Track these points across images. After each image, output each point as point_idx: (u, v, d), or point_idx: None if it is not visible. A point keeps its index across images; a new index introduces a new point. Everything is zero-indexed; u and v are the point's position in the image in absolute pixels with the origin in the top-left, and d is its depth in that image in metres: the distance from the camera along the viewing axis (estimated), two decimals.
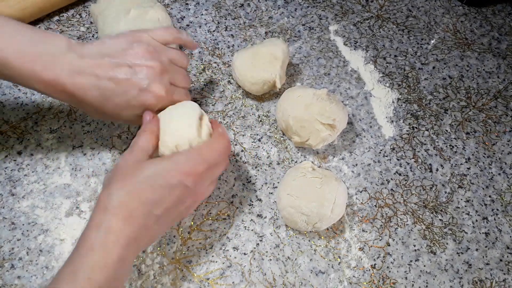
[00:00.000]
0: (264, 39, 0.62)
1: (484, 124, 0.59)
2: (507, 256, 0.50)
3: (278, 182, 0.51)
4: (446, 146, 0.56)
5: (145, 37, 0.43)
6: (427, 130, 0.57)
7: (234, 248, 0.47)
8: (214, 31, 0.62)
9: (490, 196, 0.53)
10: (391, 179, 0.53)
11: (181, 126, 0.40)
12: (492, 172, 0.55)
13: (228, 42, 0.61)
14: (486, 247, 0.50)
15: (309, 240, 0.48)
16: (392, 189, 0.53)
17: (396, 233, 0.50)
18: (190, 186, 0.38)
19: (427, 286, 0.47)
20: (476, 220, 0.52)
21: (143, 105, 0.41)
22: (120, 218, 0.35)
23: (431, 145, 0.56)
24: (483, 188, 0.54)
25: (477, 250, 0.50)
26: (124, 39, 0.42)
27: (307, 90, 0.51)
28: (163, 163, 0.38)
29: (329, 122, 0.49)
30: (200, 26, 0.62)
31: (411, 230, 0.50)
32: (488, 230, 0.51)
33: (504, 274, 0.49)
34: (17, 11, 0.56)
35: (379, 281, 0.47)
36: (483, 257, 0.49)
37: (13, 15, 0.55)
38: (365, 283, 0.47)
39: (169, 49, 0.45)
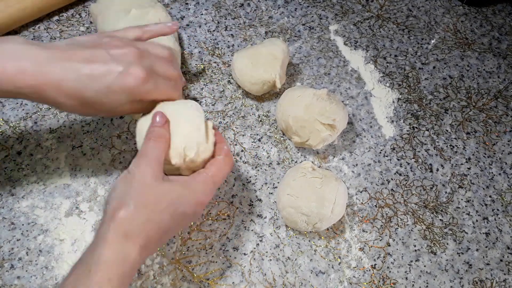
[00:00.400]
0: (264, 39, 0.62)
1: (485, 124, 0.58)
2: (508, 256, 0.50)
3: (278, 182, 0.51)
4: (447, 146, 0.56)
5: (117, 33, 0.42)
6: (428, 130, 0.57)
7: (234, 248, 0.47)
8: (214, 31, 0.62)
9: (490, 196, 0.53)
10: (392, 179, 0.53)
11: (189, 129, 0.39)
12: (492, 172, 0.55)
13: (228, 42, 0.61)
14: (486, 247, 0.50)
15: (309, 240, 0.48)
16: (392, 189, 0.53)
17: (396, 233, 0.50)
18: (200, 213, 0.39)
19: (427, 286, 0.47)
20: (477, 220, 0.52)
21: (124, 89, 0.38)
22: (138, 247, 0.34)
23: (432, 145, 0.56)
24: (483, 188, 0.54)
25: (477, 250, 0.50)
26: (95, 35, 0.41)
27: (307, 90, 0.51)
28: (183, 191, 0.37)
29: (329, 122, 0.48)
30: (200, 26, 0.62)
31: (412, 230, 0.50)
32: (489, 230, 0.51)
33: (505, 274, 0.49)
34: (17, 11, 0.56)
35: (379, 281, 0.47)
36: (483, 257, 0.49)
37: (12, 15, 0.55)
38: (365, 284, 0.47)
39: (144, 42, 0.43)
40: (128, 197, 0.34)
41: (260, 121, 0.55)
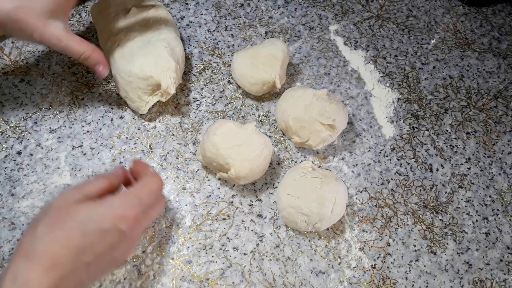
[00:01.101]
0: (264, 39, 0.62)
1: (485, 124, 0.58)
2: (508, 256, 0.50)
3: (278, 182, 0.51)
4: (447, 146, 0.56)
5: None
6: (428, 130, 0.57)
7: (234, 248, 0.47)
8: (214, 31, 0.62)
9: (490, 196, 0.53)
10: (391, 179, 0.53)
11: None
12: (492, 172, 0.55)
13: (228, 42, 0.61)
14: (486, 247, 0.50)
15: (309, 240, 0.48)
16: (392, 189, 0.53)
17: (396, 233, 0.50)
18: (125, 231, 0.35)
19: (427, 286, 0.47)
20: (477, 220, 0.52)
21: None
22: (41, 268, 0.31)
23: (432, 145, 0.56)
24: (483, 188, 0.54)
25: (477, 250, 0.50)
26: None
27: (307, 91, 0.51)
28: (97, 207, 0.35)
29: (329, 123, 0.48)
30: (200, 26, 0.62)
31: (411, 230, 0.50)
32: (489, 230, 0.51)
33: (505, 274, 0.49)
34: None
35: (379, 281, 0.47)
36: (483, 257, 0.49)
37: None
38: (365, 283, 0.47)
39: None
40: (36, 223, 0.34)
41: (260, 121, 0.55)
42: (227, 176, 0.46)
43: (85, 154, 0.51)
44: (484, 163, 0.56)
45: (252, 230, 0.48)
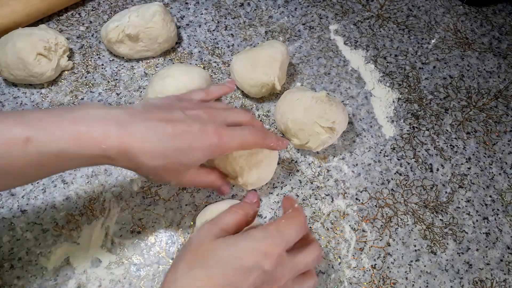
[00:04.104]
0: (264, 38, 0.62)
1: (485, 124, 0.58)
2: (508, 256, 0.50)
3: (278, 182, 0.51)
4: (447, 146, 0.56)
5: (185, 96, 0.44)
6: (428, 130, 0.57)
7: None
8: (214, 30, 0.62)
9: (490, 196, 0.53)
10: (392, 179, 0.53)
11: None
12: (492, 172, 0.55)
13: (228, 41, 0.61)
14: (486, 247, 0.50)
15: None
16: (392, 189, 0.53)
17: (396, 233, 0.50)
18: (269, 270, 0.32)
19: (427, 286, 0.47)
20: (477, 220, 0.52)
21: (204, 147, 0.38)
22: None
23: (432, 145, 0.56)
24: (483, 188, 0.54)
25: (477, 250, 0.50)
26: (166, 98, 0.43)
27: (306, 93, 0.50)
28: (238, 242, 0.33)
29: (329, 125, 0.48)
30: (199, 26, 0.62)
31: (412, 230, 0.50)
32: (489, 230, 0.51)
33: (505, 274, 0.49)
34: (22, 17, 0.56)
35: (379, 281, 0.47)
36: (483, 257, 0.49)
37: (17, 20, 0.56)
38: (365, 284, 0.47)
39: (209, 102, 0.46)
40: (178, 259, 0.33)
41: (260, 121, 0.55)
42: (234, 183, 0.46)
43: None
44: (484, 163, 0.55)
45: None
